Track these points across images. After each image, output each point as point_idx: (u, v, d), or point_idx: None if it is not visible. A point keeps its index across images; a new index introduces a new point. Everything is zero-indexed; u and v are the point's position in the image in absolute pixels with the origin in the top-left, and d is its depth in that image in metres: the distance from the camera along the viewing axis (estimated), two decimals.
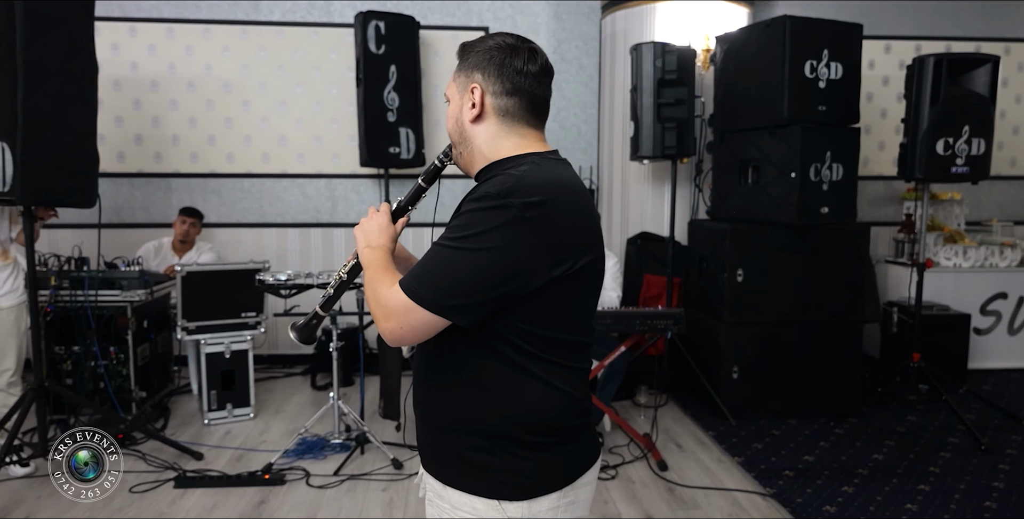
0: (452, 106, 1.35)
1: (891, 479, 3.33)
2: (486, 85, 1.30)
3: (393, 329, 1.19)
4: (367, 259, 1.33)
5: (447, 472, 1.29)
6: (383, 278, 1.25)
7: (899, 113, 4.41)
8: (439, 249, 1.18)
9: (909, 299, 4.60)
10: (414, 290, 1.17)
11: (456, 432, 1.27)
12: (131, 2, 5.09)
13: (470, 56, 1.32)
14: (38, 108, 2.99)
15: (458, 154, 1.36)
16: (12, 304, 3.35)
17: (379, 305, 1.21)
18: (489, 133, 1.32)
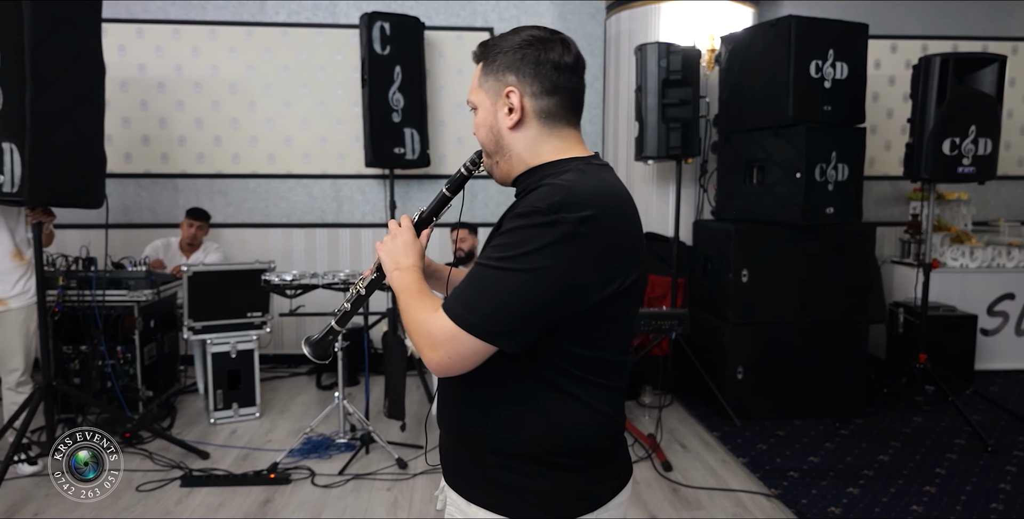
0: (482, 114, 1.24)
1: (897, 480, 3.33)
2: (523, 86, 1.20)
3: (441, 360, 1.10)
4: (399, 284, 1.23)
5: (473, 490, 1.23)
6: (422, 304, 1.16)
7: (905, 113, 4.40)
8: (485, 270, 1.09)
9: (915, 300, 4.58)
10: (462, 317, 1.08)
11: (488, 451, 1.21)
12: (138, 4, 5.12)
13: (497, 57, 1.21)
14: (46, 109, 3.01)
15: (493, 163, 1.27)
16: (22, 305, 3.36)
17: (423, 334, 1.12)
18: (529, 138, 1.22)
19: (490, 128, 1.24)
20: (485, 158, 1.29)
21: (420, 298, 1.18)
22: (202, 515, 3.00)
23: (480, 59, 1.25)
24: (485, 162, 1.29)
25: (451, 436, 1.29)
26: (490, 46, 1.23)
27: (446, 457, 1.32)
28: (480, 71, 1.24)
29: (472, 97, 1.26)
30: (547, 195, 1.09)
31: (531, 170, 1.23)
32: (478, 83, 1.24)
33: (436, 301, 1.17)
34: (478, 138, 1.27)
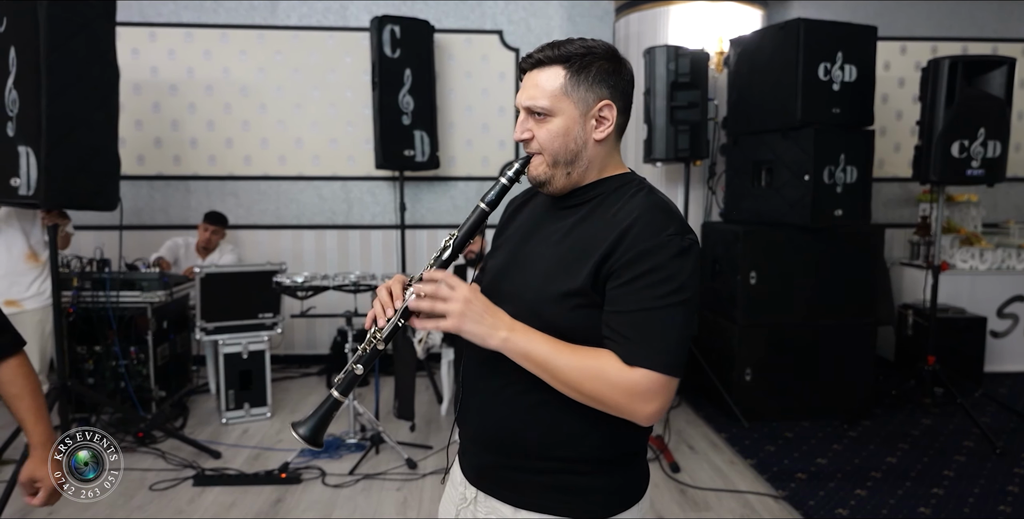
0: (563, 122, 1.19)
1: (904, 482, 3.33)
2: (615, 101, 1.21)
3: (659, 409, 1.12)
4: (523, 348, 1.13)
5: (525, 497, 1.24)
6: (588, 360, 1.12)
7: (915, 114, 4.39)
8: (660, 311, 1.11)
9: (924, 302, 4.57)
10: (666, 364, 1.10)
11: (542, 457, 1.22)
12: (151, 7, 5.17)
13: (591, 67, 1.19)
14: (61, 113, 3.05)
15: (561, 173, 1.22)
16: (36, 307, 3.40)
17: (626, 392, 1.10)
18: (606, 151, 1.25)
19: (573, 137, 1.21)
20: (545, 167, 1.22)
21: (574, 352, 1.13)
22: (214, 514, 3.03)
23: (562, 65, 1.19)
24: (543, 171, 1.23)
25: (495, 446, 1.27)
26: (576, 53, 1.19)
27: (481, 468, 1.31)
28: (567, 79, 1.18)
29: (550, 103, 1.19)
30: (664, 217, 1.16)
31: (599, 182, 1.26)
32: (563, 90, 1.19)
33: (594, 350, 1.14)
34: (551, 146, 1.21)
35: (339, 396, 1.22)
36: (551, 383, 1.14)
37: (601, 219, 1.20)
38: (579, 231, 1.21)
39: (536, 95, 1.19)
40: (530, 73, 1.22)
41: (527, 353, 1.13)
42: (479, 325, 1.13)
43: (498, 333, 1.13)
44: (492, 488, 1.28)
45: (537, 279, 1.22)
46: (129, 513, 3.03)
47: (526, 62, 1.22)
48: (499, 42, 5.43)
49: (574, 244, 1.20)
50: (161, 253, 4.68)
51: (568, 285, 1.17)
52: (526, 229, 1.32)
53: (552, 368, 1.12)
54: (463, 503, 1.33)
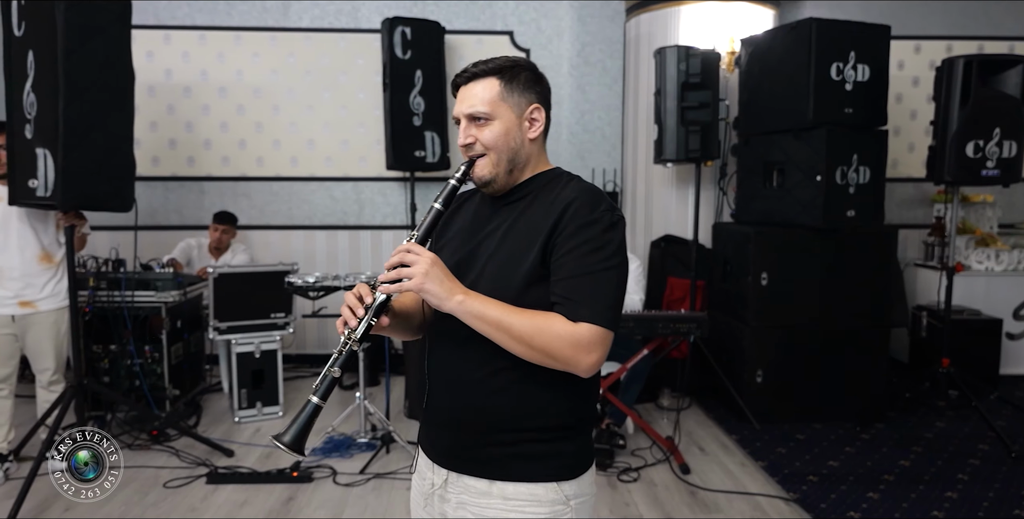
0: (501, 125, 1.36)
1: (918, 486, 3.30)
2: (542, 103, 1.40)
3: (597, 360, 1.26)
4: (476, 308, 1.25)
5: (500, 468, 1.34)
6: (538, 318, 1.25)
7: (929, 114, 4.35)
8: (598, 273, 1.27)
9: (939, 303, 4.53)
10: (605, 317, 1.25)
11: (515, 429, 1.34)
12: (166, 9, 5.22)
13: (520, 75, 1.37)
14: (78, 115, 3.08)
15: (503, 172, 1.38)
16: (51, 308, 3.41)
17: (570, 344, 1.23)
18: (537, 149, 1.42)
19: (512, 137, 1.37)
20: (490, 167, 1.37)
21: (523, 313, 1.26)
22: (227, 512, 3.06)
23: (495, 76, 1.36)
24: (489, 170, 1.37)
25: (468, 426, 1.36)
26: (504, 66, 1.36)
27: (455, 447, 1.39)
28: (502, 87, 1.35)
29: (490, 109, 1.35)
30: (595, 198, 1.32)
31: (532, 178, 1.42)
32: (499, 97, 1.35)
33: (542, 312, 1.27)
34: (495, 145, 1.36)
35: (318, 401, 1.28)
36: (503, 342, 1.25)
37: (541, 207, 1.35)
38: (523, 221, 1.36)
39: (476, 103, 1.35)
40: (465, 87, 1.38)
41: (482, 313, 1.25)
42: (439, 286, 1.24)
43: (455, 295, 1.25)
44: (464, 466, 1.38)
45: (492, 269, 1.35)
46: (143, 510, 3.06)
47: (460, 78, 1.38)
48: (510, 43, 5.44)
49: (520, 232, 1.35)
50: (174, 255, 4.72)
51: (524, 266, 1.31)
52: (469, 228, 1.45)
53: (505, 326, 1.24)
54: (431, 489, 1.43)
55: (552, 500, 1.33)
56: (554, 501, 1.34)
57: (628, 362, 3.70)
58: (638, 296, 3.99)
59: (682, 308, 4.58)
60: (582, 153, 5.54)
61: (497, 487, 1.34)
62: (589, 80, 5.50)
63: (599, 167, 5.52)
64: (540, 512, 1.33)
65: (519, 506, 1.33)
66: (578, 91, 5.51)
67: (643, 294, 4.06)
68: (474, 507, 1.36)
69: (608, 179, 5.51)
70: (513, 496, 1.33)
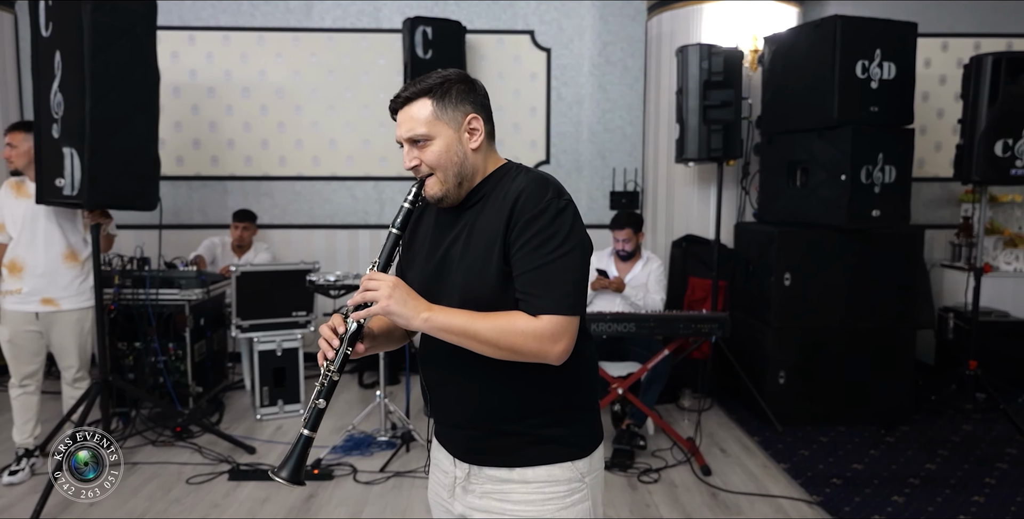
0: (443, 142, 1.37)
1: (944, 490, 3.25)
2: (478, 113, 1.40)
3: (565, 348, 1.29)
4: (443, 322, 1.29)
5: (517, 456, 1.40)
6: (499, 320, 1.28)
7: (957, 113, 4.29)
8: (551, 263, 1.29)
9: (966, 305, 4.47)
10: (564, 305, 1.28)
11: (521, 419, 1.39)
12: (190, 11, 5.28)
13: (450, 91, 1.37)
14: (104, 115, 3.13)
15: (453, 186, 1.39)
16: (74, 307, 3.44)
17: (535, 338, 1.27)
18: (483, 155, 1.43)
19: (455, 153, 1.38)
20: (439, 184, 1.38)
21: (486, 317, 1.29)
22: (248, 508, 3.09)
23: (426, 96, 1.37)
24: (438, 188, 1.38)
25: (480, 423, 1.41)
26: (434, 84, 1.37)
27: (469, 444, 1.45)
28: (435, 106, 1.36)
29: (427, 129, 1.36)
30: (539, 188, 1.33)
31: (484, 181, 1.43)
32: (434, 116, 1.36)
33: (505, 312, 1.30)
34: (438, 164, 1.37)
35: (309, 433, 1.33)
36: (474, 348, 1.29)
37: (493, 207, 1.37)
38: (480, 223, 1.38)
39: (413, 126, 1.37)
40: (401, 111, 1.40)
41: (447, 327, 1.29)
42: (403, 307, 1.28)
43: (420, 314, 1.29)
44: (483, 459, 1.43)
45: (463, 273, 1.37)
46: (167, 506, 3.10)
47: (395, 103, 1.40)
48: (531, 42, 5.43)
49: (480, 235, 1.37)
50: (200, 252, 4.78)
51: (491, 269, 1.33)
52: (434, 236, 1.47)
53: (471, 334, 1.28)
54: (455, 483, 1.47)
55: (568, 478, 1.40)
56: (570, 479, 1.40)
57: (649, 362, 3.68)
58: (659, 296, 3.97)
59: (703, 308, 4.55)
60: (603, 152, 5.53)
61: (517, 473, 1.40)
62: (610, 79, 5.48)
63: (620, 166, 5.50)
64: (559, 491, 1.40)
65: (539, 487, 1.39)
66: (599, 90, 5.49)
67: (664, 294, 4.04)
68: (497, 494, 1.42)
69: (629, 178, 5.49)
70: (533, 479, 1.39)
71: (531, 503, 1.39)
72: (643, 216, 4.83)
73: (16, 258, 3.36)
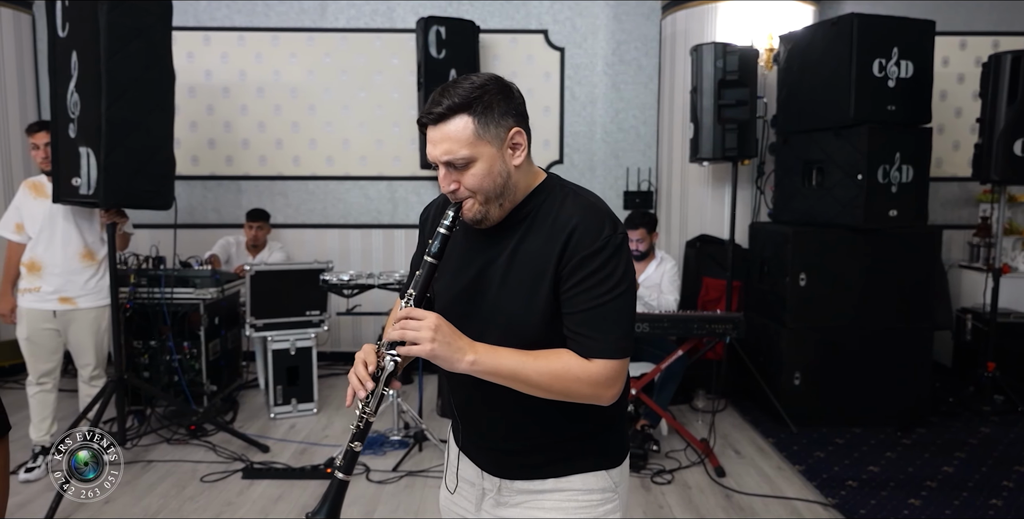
0: (485, 163, 1.23)
1: (961, 493, 3.21)
2: (521, 125, 1.27)
3: (619, 391, 1.27)
4: (491, 365, 1.21)
5: (552, 469, 1.37)
6: (554, 362, 1.22)
7: (975, 111, 4.24)
8: (607, 305, 1.23)
9: (984, 306, 4.42)
10: (620, 347, 1.24)
11: (557, 439, 1.36)
12: (205, 11, 5.31)
13: (492, 105, 1.22)
14: (120, 116, 3.15)
15: (494, 207, 1.27)
16: (90, 306, 3.48)
17: (591, 382, 1.22)
18: (524, 170, 1.30)
19: (498, 173, 1.25)
20: (479, 207, 1.26)
21: (536, 359, 1.23)
22: (262, 506, 3.10)
23: (465, 112, 1.21)
24: (478, 211, 1.26)
25: (517, 442, 1.37)
26: (472, 98, 1.21)
27: (503, 460, 1.40)
28: (476, 123, 1.21)
29: (469, 151, 1.21)
30: (597, 221, 1.25)
31: (526, 199, 1.31)
32: (476, 136, 1.21)
33: (554, 352, 1.25)
34: (481, 188, 1.24)
35: (344, 477, 1.25)
36: (522, 390, 1.23)
37: (540, 233, 1.27)
38: (525, 248, 1.28)
39: (452, 148, 1.21)
40: (435, 128, 1.22)
41: (495, 370, 1.22)
42: (449, 350, 1.18)
43: (465, 357, 1.20)
44: (516, 474, 1.39)
45: (506, 303, 1.29)
46: (181, 504, 3.11)
47: (428, 118, 1.22)
48: (544, 41, 5.43)
49: (525, 263, 1.28)
50: (214, 251, 4.80)
51: (537, 303, 1.26)
52: (465, 254, 1.35)
53: (522, 378, 1.22)
54: (483, 495, 1.44)
55: (603, 487, 1.38)
56: (604, 489, 1.38)
57: (663, 363, 3.66)
58: (673, 296, 3.95)
59: (717, 309, 4.52)
60: (616, 152, 5.51)
61: (551, 483, 1.37)
62: (624, 78, 5.46)
63: (634, 166, 5.48)
64: (593, 500, 1.37)
65: (573, 496, 1.37)
66: (613, 90, 5.48)
67: (678, 294, 4.01)
68: (532, 503, 1.39)
69: (643, 178, 5.47)
70: (567, 487, 1.37)
71: (565, 511, 1.36)
72: (657, 216, 4.81)
73: (35, 257, 3.39)
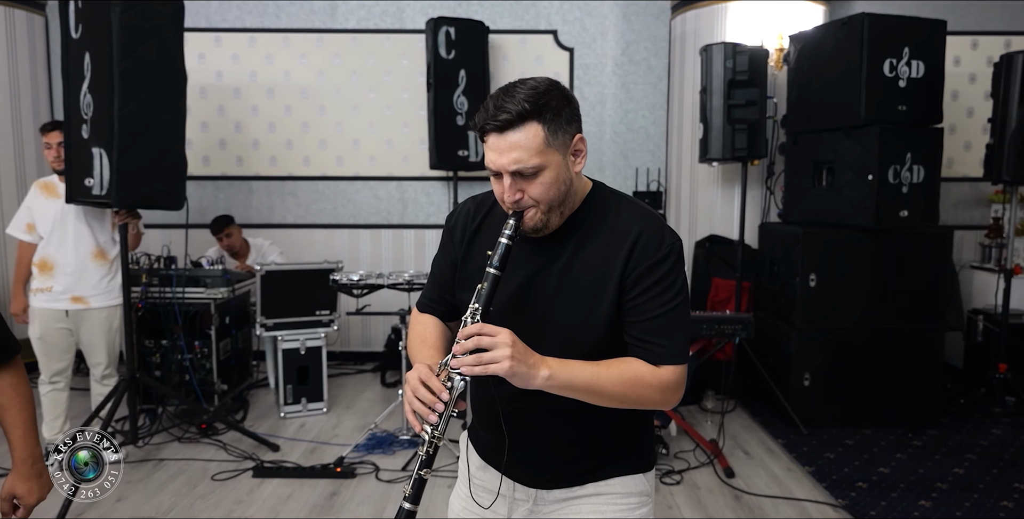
0: (553, 172, 1.20)
1: (972, 494, 3.20)
2: (581, 131, 1.26)
3: (681, 396, 1.29)
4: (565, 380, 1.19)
5: (595, 474, 1.38)
6: (620, 371, 1.23)
7: (987, 111, 4.22)
8: (672, 313, 1.25)
9: (996, 307, 4.39)
10: (684, 353, 1.27)
11: (610, 443, 1.38)
12: (217, 12, 5.34)
13: (560, 112, 1.19)
14: (132, 117, 3.18)
15: (558, 214, 1.25)
16: (103, 305, 3.51)
17: (661, 389, 1.24)
18: (581, 176, 1.31)
19: (563, 181, 1.22)
20: (541, 215, 1.23)
21: (609, 368, 1.23)
22: (272, 505, 3.12)
23: (536, 120, 1.17)
24: (540, 220, 1.23)
25: (561, 456, 1.37)
26: (542, 105, 1.17)
27: (544, 472, 1.39)
28: (546, 131, 1.17)
29: (540, 160, 1.18)
30: (659, 230, 1.27)
31: (581, 206, 1.31)
32: (545, 144, 1.18)
33: (623, 361, 1.25)
34: (548, 198, 1.21)
35: (411, 507, 1.23)
36: (593, 401, 1.23)
37: (597, 240, 1.28)
38: (584, 256, 1.28)
39: (523, 158, 1.17)
40: (501, 136, 1.18)
41: (571, 384, 1.20)
42: (524, 366, 1.15)
43: (540, 373, 1.17)
44: (556, 482, 1.39)
45: (566, 313, 1.27)
46: (192, 502, 3.14)
47: (493, 125, 1.18)
48: (553, 42, 5.43)
49: (582, 273, 1.27)
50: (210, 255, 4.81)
51: (600, 313, 1.26)
52: (515, 259, 1.27)
53: (596, 389, 1.21)
54: (516, 504, 1.42)
55: (640, 491, 1.39)
56: (642, 492, 1.40)
57: None
58: None
59: (727, 309, 4.51)
60: (626, 152, 5.51)
61: (591, 487, 1.38)
62: (633, 79, 5.45)
63: (643, 166, 5.48)
64: (631, 503, 1.38)
65: (614, 499, 1.37)
66: (622, 90, 5.47)
67: None
68: (570, 508, 1.39)
69: (652, 178, 5.46)
70: (607, 490, 1.38)
71: (604, 513, 1.36)
72: (666, 216, 4.81)
73: (47, 257, 3.42)
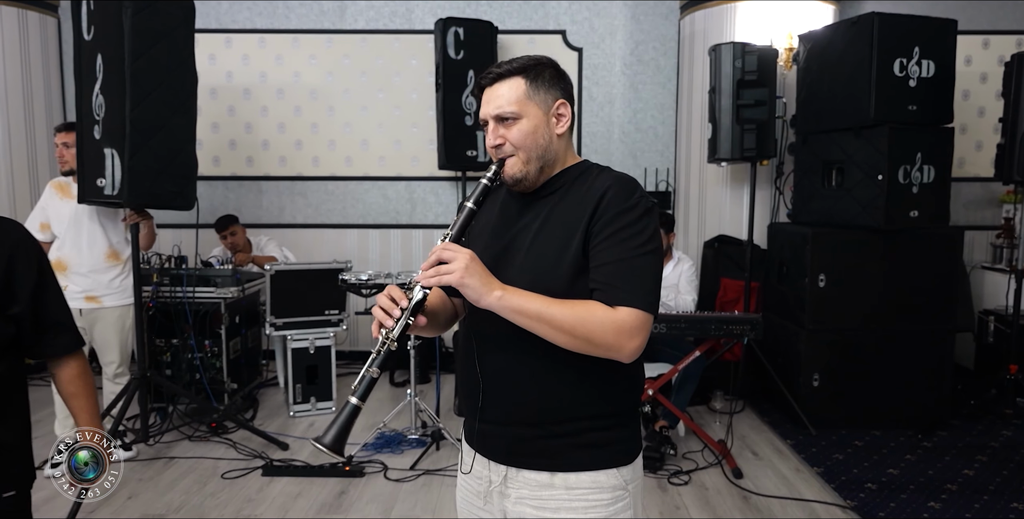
0: (530, 122, 1.36)
1: (982, 496, 3.18)
2: (567, 99, 1.40)
3: (640, 344, 1.28)
4: (516, 303, 1.25)
5: (561, 459, 1.36)
6: (579, 307, 1.25)
7: (998, 111, 4.20)
8: (636, 259, 1.28)
9: (1007, 307, 4.36)
10: (647, 302, 1.27)
11: (572, 418, 1.36)
12: (227, 13, 5.38)
13: (543, 72, 1.38)
14: (144, 117, 3.21)
15: (534, 169, 1.38)
16: (115, 305, 3.54)
17: (613, 330, 1.24)
18: (565, 143, 1.43)
19: (541, 135, 1.37)
20: (521, 165, 1.37)
21: (563, 303, 1.26)
22: (281, 503, 3.14)
23: (520, 75, 1.37)
24: (519, 169, 1.37)
25: (530, 420, 1.37)
26: (528, 65, 1.37)
27: (513, 445, 1.39)
28: (528, 85, 1.36)
29: (517, 108, 1.35)
30: (629, 185, 1.35)
31: (563, 172, 1.42)
32: (526, 96, 1.36)
33: (580, 300, 1.28)
34: (523, 145, 1.36)
35: (357, 402, 1.26)
36: (545, 333, 1.25)
37: (574, 199, 1.36)
38: (558, 213, 1.37)
39: (503, 104, 1.36)
40: (490, 88, 1.38)
41: (522, 307, 1.25)
42: (479, 281, 1.24)
43: (494, 291, 1.25)
44: (524, 461, 1.38)
45: (533, 261, 1.35)
46: (203, 499, 3.16)
47: (485, 79, 1.38)
48: (562, 42, 5.43)
49: (556, 225, 1.35)
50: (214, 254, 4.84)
51: (566, 258, 1.32)
52: (499, 224, 1.45)
53: (547, 318, 1.24)
54: (489, 486, 1.43)
55: (613, 486, 1.37)
56: (615, 487, 1.37)
57: (680, 364, 3.66)
58: (691, 297, 3.94)
59: (735, 310, 4.50)
60: (634, 152, 5.50)
61: (559, 478, 1.36)
62: (642, 79, 5.45)
63: (652, 166, 5.47)
64: (603, 498, 1.36)
65: (582, 494, 1.35)
66: (631, 90, 5.47)
67: (695, 295, 4.00)
68: (535, 500, 1.37)
69: (661, 179, 5.46)
70: (576, 485, 1.35)
71: (573, 510, 1.35)
72: (675, 216, 4.80)
73: (61, 257, 3.45)
